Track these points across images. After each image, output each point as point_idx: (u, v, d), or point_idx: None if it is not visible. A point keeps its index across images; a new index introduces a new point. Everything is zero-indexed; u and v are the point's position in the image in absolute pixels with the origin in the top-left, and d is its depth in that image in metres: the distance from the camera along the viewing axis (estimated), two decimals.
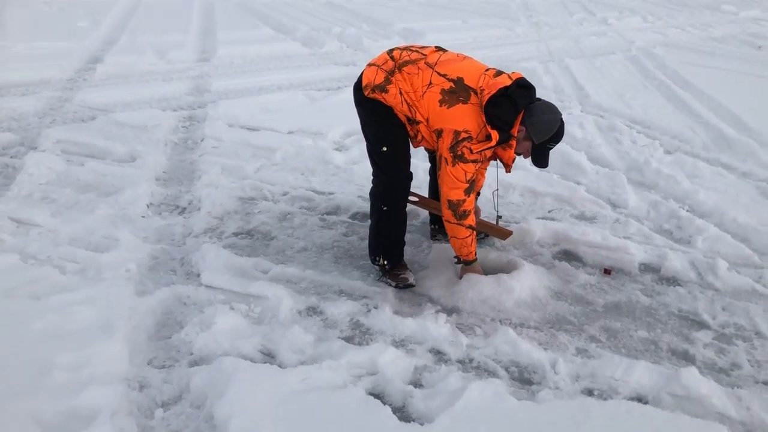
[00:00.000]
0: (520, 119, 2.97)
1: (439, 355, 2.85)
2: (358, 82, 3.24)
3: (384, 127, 3.21)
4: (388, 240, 3.38)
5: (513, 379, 2.71)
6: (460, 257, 3.37)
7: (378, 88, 3.13)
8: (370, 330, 3.00)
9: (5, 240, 3.61)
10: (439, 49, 3.25)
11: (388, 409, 2.42)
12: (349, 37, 9.69)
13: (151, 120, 5.66)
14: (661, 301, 3.30)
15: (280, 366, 2.68)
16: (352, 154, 5.07)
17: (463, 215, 3.14)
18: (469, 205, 3.14)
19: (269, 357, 2.79)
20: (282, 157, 5.01)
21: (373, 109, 3.20)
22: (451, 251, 3.54)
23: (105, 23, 10.10)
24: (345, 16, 11.68)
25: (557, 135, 3.00)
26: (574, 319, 3.14)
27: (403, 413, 2.49)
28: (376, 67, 3.19)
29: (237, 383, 2.47)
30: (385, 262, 3.38)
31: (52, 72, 7.17)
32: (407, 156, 3.28)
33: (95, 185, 4.37)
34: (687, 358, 2.87)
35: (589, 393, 2.64)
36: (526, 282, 3.32)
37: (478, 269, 3.37)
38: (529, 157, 3.13)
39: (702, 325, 3.11)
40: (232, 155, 5.02)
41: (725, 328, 3.08)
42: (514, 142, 3.05)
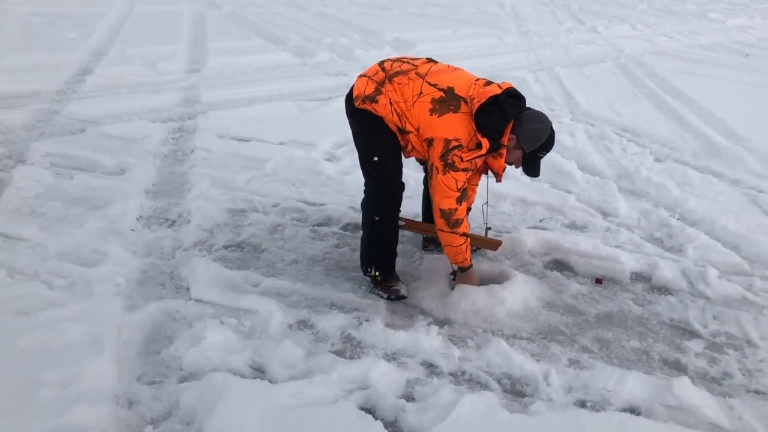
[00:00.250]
0: (510, 128, 2.97)
1: (431, 367, 2.84)
2: (349, 93, 3.24)
3: (375, 137, 3.21)
4: (380, 251, 3.37)
5: (505, 392, 2.70)
6: (455, 266, 3.36)
7: (368, 99, 3.13)
8: (362, 343, 2.99)
9: None
10: (430, 60, 3.26)
11: (380, 423, 2.41)
12: (341, 48, 9.70)
13: (140, 132, 5.62)
14: (652, 310, 3.30)
15: (270, 381, 2.66)
16: (343, 164, 5.06)
17: (456, 223, 3.14)
18: (461, 213, 3.14)
19: (260, 372, 2.76)
20: (273, 168, 4.99)
21: (364, 119, 3.20)
22: (443, 262, 3.54)
23: (95, 35, 10.05)
24: (336, 27, 11.69)
25: (548, 143, 3.00)
26: (566, 330, 3.14)
27: (395, 427, 2.48)
28: (366, 78, 3.19)
29: (227, 399, 2.45)
30: (376, 273, 3.36)
31: (41, 84, 7.11)
32: (399, 166, 3.28)
33: (84, 198, 4.33)
34: (679, 368, 2.87)
35: (582, 404, 2.63)
36: (518, 293, 3.31)
37: (474, 276, 3.37)
38: (520, 167, 3.14)
39: (693, 334, 3.12)
40: (222, 167, 4.99)
41: (716, 337, 3.08)
42: (504, 151, 3.05)
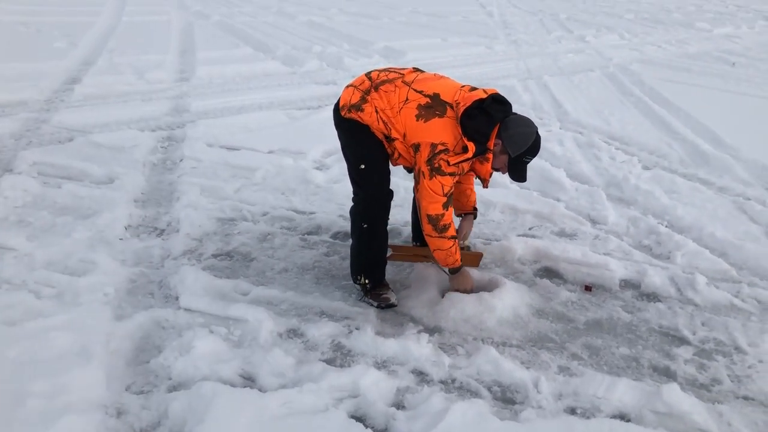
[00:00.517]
0: (496, 132, 2.99)
1: (421, 375, 2.83)
2: (337, 103, 3.26)
3: (361, 145, 3.22)
4: (370, 258, 3.37)
5: (496, 399, 2.70)
6: (446, 269, 3.36)
7: (354, 108, 3.15)
8: (352, 352, 2.98)
9: None
10: (417, 69, 3.29)
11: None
12: (330, 56, 9.72)
13: (129, 141, 5.60)
14: (641, 317, 3.31)
15: (260, 390, 2.64)
16: (332, 173, 5.06)
17: (443, 228, 3.13)
18: (448, 218, 3.13)
19: (249, 381, 2.75)
20: (262, 176, 4.98)
21: (351, 129, 3.21)
22: (433, 270, 3.54)
23: (83, 44, 10.03)
24: (325, 35, 11.72)
25: (533, 148, 3.01)
26: (555, 337, 3.14)
27: None
28: (353, 87, 3.21)
29: (216, 408, 2.44)
30: (366, 281, 3.36)
31: (29, 93, 7.08)
32: (386, 173, 3.28)
33: (72, 208, 4.31)
34: (668, 375, 2.88)
35: (572, 411, 2.63)
36: (508, 300, 3.32)
37: (467, 274, 3.37)
38: (507, 173, 3.14)
39: (682, 340, 3.13)
40: (211, 175, 4.98)
41: (705, 344, 3.10)
42: (490, 156, 3.06)
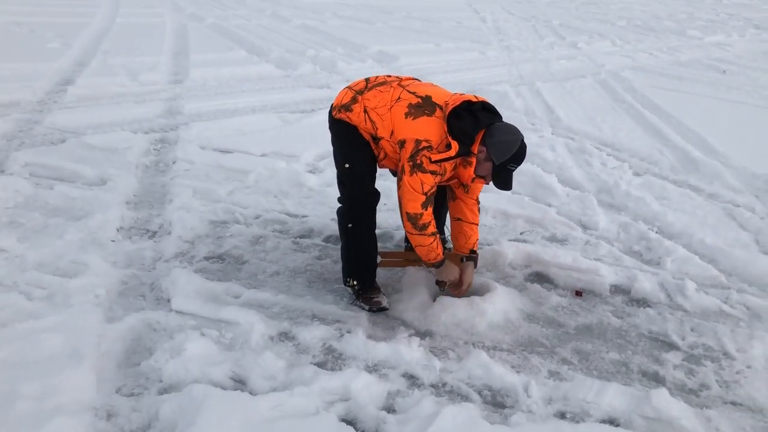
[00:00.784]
0: (481, 138, 2.99)
1: (412, 379, 2.84)
2: (331, 105, 3.29)
3: (348, 145, 3.25)
4: (358, 259, 3.37)
5: (486, 403, 2.71)
6: (432, 270, 3.37)
7: (344, 108, 3.19)
8: (343, 355, 2.98)
9: None
10: (415, 79, 3.34)
11: None
12: (324, 60, 9.74)
13: (122, 142, 5.59)
14: (631, 322, 3.34)
15: (251, 393, 2.64)
16: (325, 176, 5.07)
17: (423, 227, 3.13)
18: (427, 218, 3.12)
19: (240, 384, 2.75)
20: (255, 179, 4.98)
21: (340, 130, 3.26)
22: (424, 274, 3.55)
23: (76, 45, 10.01)
24: (319, 39, 11.74)
25: (517, 155, 2.98)
26: (546, 342, 3.16)
27: None
28: (347, 88, 3.27)
29: (207, 411, 2.43)
30: (355, 283, 3.37)
31: (22, 94, 7.06)
32: (371, 173, 3.30)
33: (64, 209, 4.30)
34: (657, 380, 2.90)
35: (562, 416, 2.64)
36: (499, 304, 3.33)
37: (451, 266, 3.35)
38: (491, 182, 3.12)
39: (671, 346, 3.15)
40: (204, 178, 4.98)
41: (694, 349, 3.12)
42: (473, 160, 3.05)
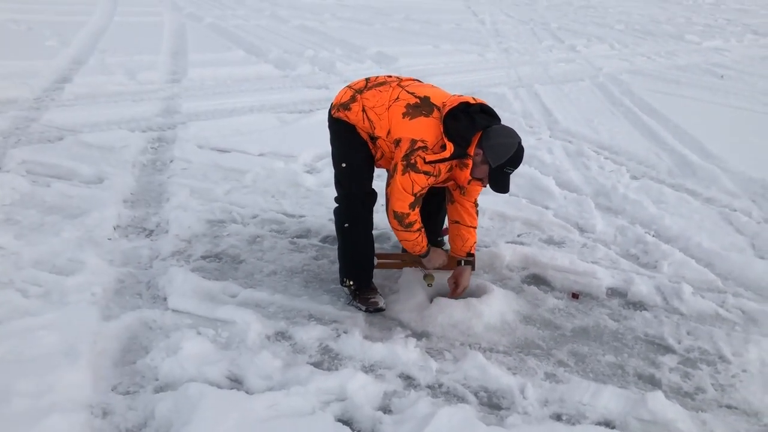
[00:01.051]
0: (477, 140, 2.97)
1: (408, 380, 2.84)
2: (331, 103, 3.30)
3: (345, 144, 3.26)
4: (354, 259, 3.37)
5: (482, 404, 2.71)
6: (413, 254, 3.38)
7: (342, 107, 3.20)
8: (340, 355, 2.98)
9: None
10: (416, 80, 3.34)
11: None
12: (322, 61, 9.74)
13: (119, 141, 5.58)
14: (627, 325, 3.34)
15: (247, 392, 2.64)
16: (323, 176, 5.06)
17: (409, 225, 3.13)
18: (413, 217, 3.12)
19: (236, 383, 2.75)
20: (252, 179, 4.98)
21: (338, 129, 3.26)
22: (420, 275, 3.55)
23: (74, 43, 9.97)
24: (318, 40, 11.74)
25: (514, 158, 2.96)
26: (542, 344, 3.16)
27: None
28: (348, 87, 3.27)
29: (203, 410, 2.43)
30: (351, 283, 3.37)
31: (19, 91, 7.03)
32: (368, 173, 3.30)
33: (61, 207, 4.29)
34: (653, 383, 2.91)
35: (558, 418, 2.65)
36: (496, 306, 3.33)
37: (438, 252, 3.37)
38: (488, 184, 3.12)
39: (667, 349, 3.16)
40: (201, 177, 4.97)
41: (690, 353, 3.13)
42: (470, 162, 3.03)
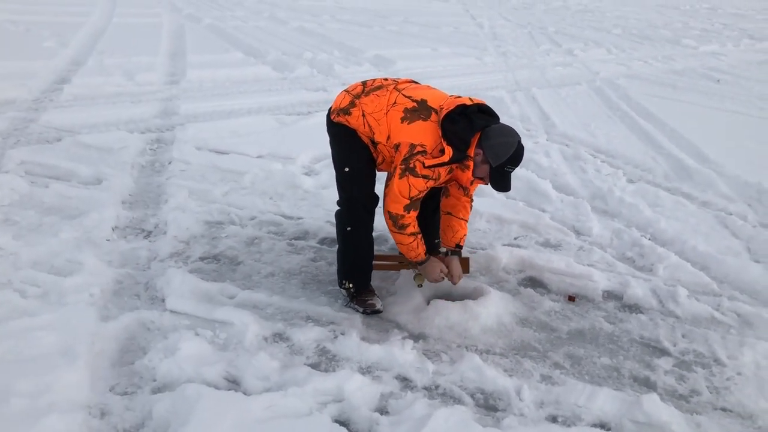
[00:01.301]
0: (477, 141, 2.98)
1: (405, 381, 2.85)
2: (330, 108, 3.30)
3: (347, 148, 3.26)
4: (354, 262, 3.39)
5: (478, 406, 2.73)
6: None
7: (342, 112, 3.20)
8: (337, 356, 3.00)
9: None
10: (413, 81, 3.35)
11: None
12: (321, 63, 9.76)
13: (117, 142, 5.60)
14: (623, 328, 3.36)
15: (244, 393, 2.65)
16: (321, 178, 5.08)
17: (402, 227, 3.14)
18: (408, 220, 3.13)
19: (234, 384, 2.76)
20: (250, 181, 4.99)
21: (339, 133, 3.27)
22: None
23: (72, 44, 9.99)
24: (316, 42, 11.76)
25: (515, 157, 2.97)
26: (538, 346, 3.18)
27: None
28: (345, 92, 3.28)
29: (200, 411, 2.44)
30: (350, 286, 3.38)
31: (17, 92, 7.05)
32: (370, 177, 3.31)
33: (59, 208, 4.30)
34: (648, 385, 2.92)
35: (554, 420, 2.66)
36: (492, 308, 3.35)
37: (434, 263, 3.33)
38: (489, 183, 3.12)
39: (663, 352, 3.17)
40: (199, 179, 4.99)
41: (685, 355, 3.14)
42: (471, 163, 3.04)
